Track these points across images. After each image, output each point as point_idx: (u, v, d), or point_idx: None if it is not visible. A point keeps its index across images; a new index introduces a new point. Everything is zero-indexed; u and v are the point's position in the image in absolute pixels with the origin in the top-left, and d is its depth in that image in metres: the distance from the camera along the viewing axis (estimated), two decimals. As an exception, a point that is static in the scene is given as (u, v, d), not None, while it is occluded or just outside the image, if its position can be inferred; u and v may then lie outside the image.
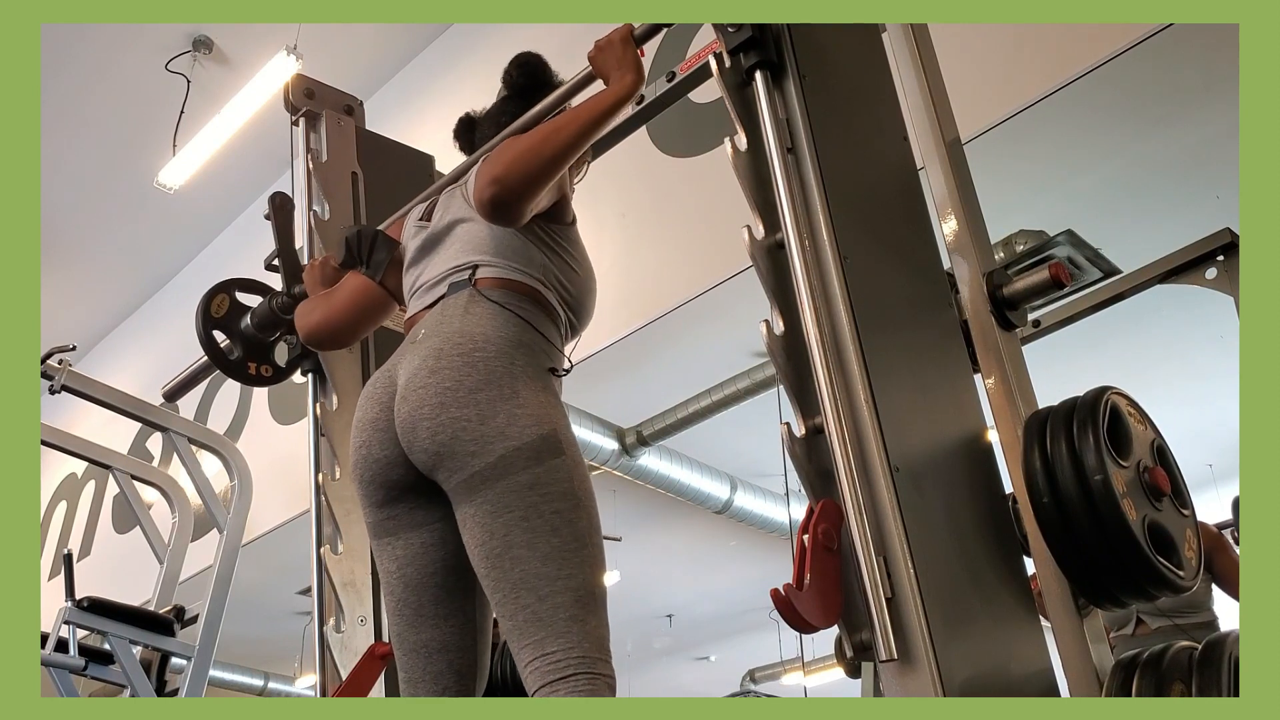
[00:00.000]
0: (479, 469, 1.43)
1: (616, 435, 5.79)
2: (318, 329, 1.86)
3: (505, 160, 1.52)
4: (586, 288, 1.72)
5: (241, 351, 2.22)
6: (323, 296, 1.89)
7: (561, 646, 1.37)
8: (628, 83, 1.59)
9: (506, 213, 1.55)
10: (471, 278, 1.60)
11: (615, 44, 1.63)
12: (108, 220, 6.71)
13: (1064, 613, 1.44)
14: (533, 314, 1.59)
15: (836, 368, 1.32)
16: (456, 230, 1.69)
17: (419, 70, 5.68)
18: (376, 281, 1.80)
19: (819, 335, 1.32)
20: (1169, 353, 5.47)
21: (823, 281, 1.38)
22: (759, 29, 1.48)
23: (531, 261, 1.63)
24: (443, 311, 1.58)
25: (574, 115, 1.57)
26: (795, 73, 1.51)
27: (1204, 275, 2.27)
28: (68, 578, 3.36)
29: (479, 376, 1.47)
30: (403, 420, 1.50)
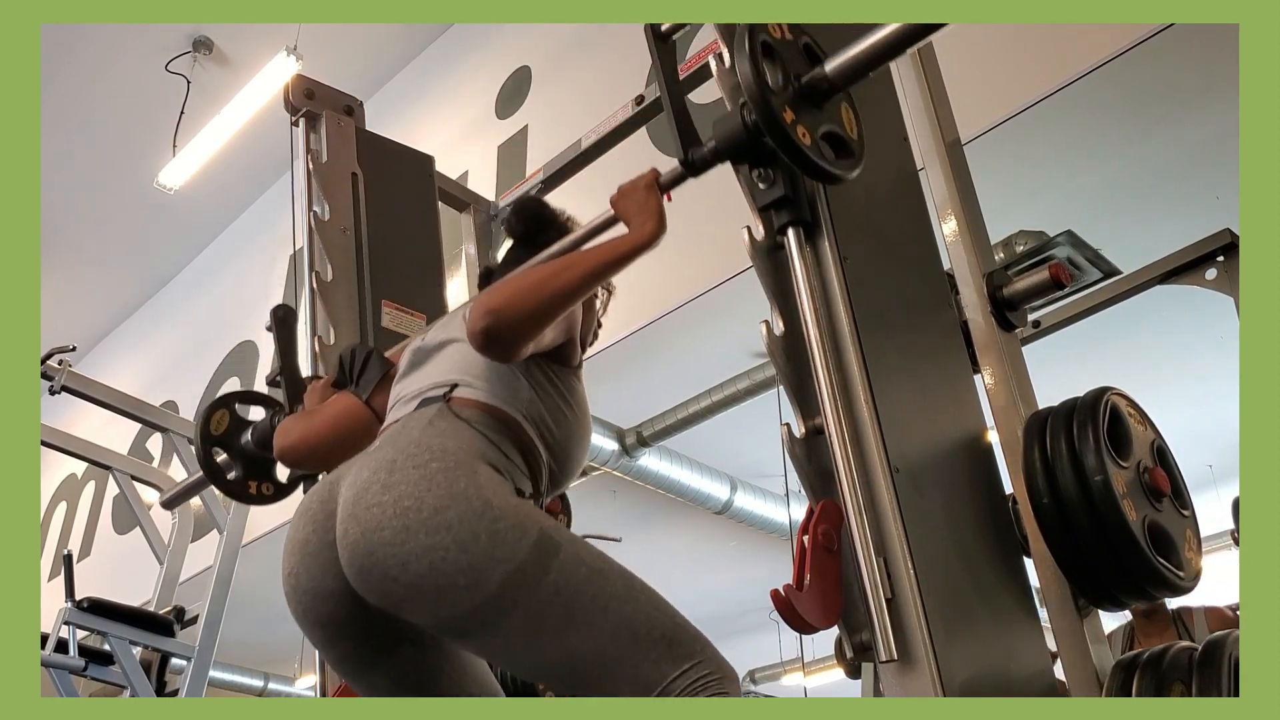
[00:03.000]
0: (480, 603, 1.28)
1: (616, 435, 5.79)
2: (293, 448, 1.72)
3: (505, 292, 1.41)
4: (575, 435, 1.57)
5: (242, 470, 2.14)
6: (304, 414, 1.78)
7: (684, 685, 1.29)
8: (647, 231, 1.47)
9: (499, 348, 1.42)
10: (446, 395, 1.48)
11: (639, 189, 1.52)
12: (108, 220, 6.72)
13: (1064, 614, 1.44)
14: (504, 442, 1.45)
15: (836, 368, 1.32)
16: (447, 349, 1.59)
17: (419, 70, 5.68)
18: (364, 400, 1.69)
19: (819, 335, 1.32)
20: (1169, 353, 5.47)
21: (823, 282, 1.38)
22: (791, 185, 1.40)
23: (517, 395, 1.49)
24: (405, 424, 1.45)
25: (586, 256, 1.46)
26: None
27: (1204, 276, 2.27)
28: (68, 578, 3.36)
29: (440, 492, 1.30)
30: (352, 544, 1.31)
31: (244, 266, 6.52)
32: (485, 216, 2.94)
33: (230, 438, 2.14)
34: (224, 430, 2.14)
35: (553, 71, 4.68)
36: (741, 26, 1.33)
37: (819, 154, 1.33)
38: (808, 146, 1.31)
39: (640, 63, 4.03)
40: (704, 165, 1.47)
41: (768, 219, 1.43)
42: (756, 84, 1.29)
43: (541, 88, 4.69)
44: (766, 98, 1.29)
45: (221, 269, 6.86)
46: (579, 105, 4.24)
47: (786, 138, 1.29)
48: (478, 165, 4.68)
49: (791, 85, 1.36)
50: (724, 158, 1.44)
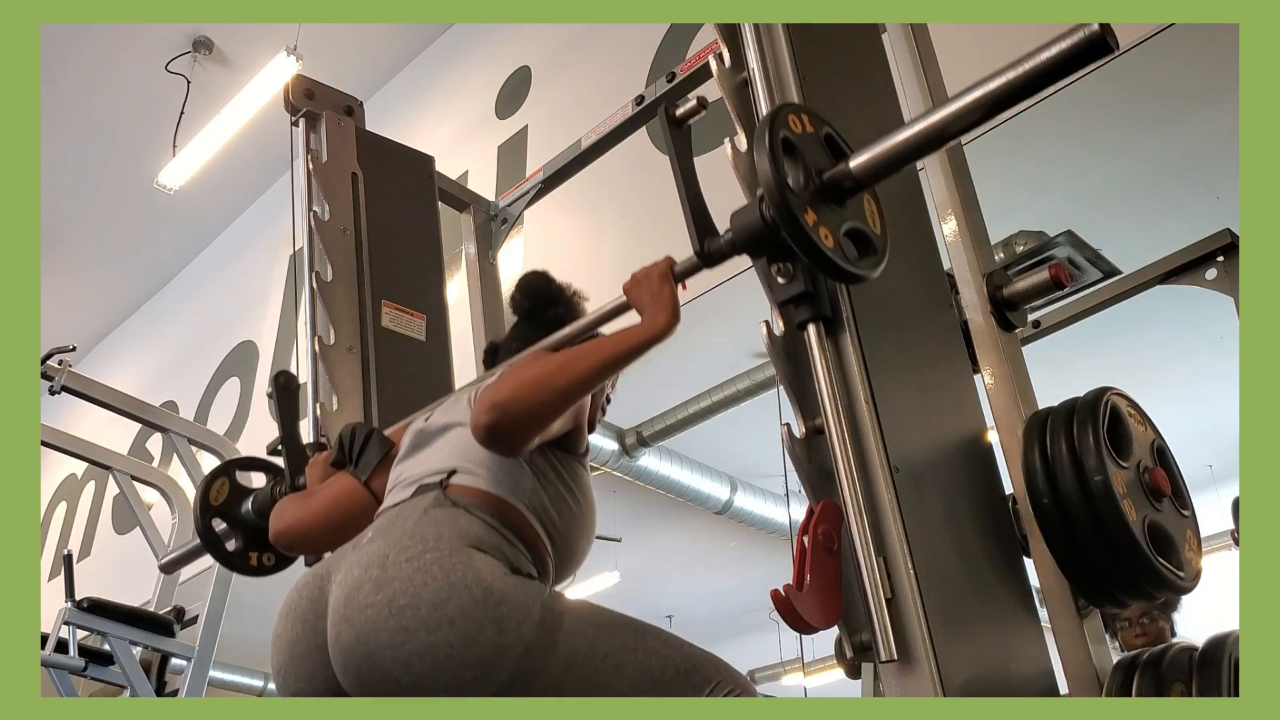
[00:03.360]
0: (492, 693, 1.25)
1: (616, 436, 5.79)
2: (288, 532, 1.67)
3: (512, 385, 1.36)
4: (579, 527, 1.52)
5: (242, 541, 2.09)
6: (300, 496, 1.73)
7: None
8: (660, 323, 1.42)
9: (504, 444, 1.38)
10: (443, 483, 1.43)
11: (653, 279, 1.46)
12: (108, 220, 6.72)
13: (1064, 614, 1.44)
14: (506, 530, 1.40)
15: (836, 368, 1.32)
16: (450, 433, 1.55)
17: (419, 70, 5.68)
18: (363, 482, 1.65)
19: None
20: (1169, 353, 5.47)
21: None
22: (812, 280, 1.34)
23: (519, 485, 1.45)
24: (399, 513, 1.40)
25: (596, 348, 1.42)
26: (795, 72, 1.50)
27: (1204, 276, 2.27)
28: (68, 578, 3.36)
29: (437, 585, 1.25)
30: (346, 649, 1.27)
31: (244, 266, 6.52)
32: (485, 216, 2.94)
33: (230, 507, 2.08)
34: (224, 500, 2.08)
35: (553, 71, 4.68)
36: (762, 121, 1.28)
37: (842, 255, 1.26)
38: (830, 249, 1.25)
39: (640, 63, 4.04)
40: (720, 257, 1.42)
41: (786, 313, 1.38)
42: (777, 185, 1.22)
43: (541, 88, 4.69)
44: (787, 200, 1.22)
45: (221, 269, 6.86)
46: (579, 105, 4.24)
47: (809, 241, 1.23)
48: (478, 165, 4.68)
49: (813, 182, 1.29)
50: (741, 250, 1.38)
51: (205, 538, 2.07)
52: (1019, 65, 1.15)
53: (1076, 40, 1.09)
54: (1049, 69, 1.13)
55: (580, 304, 1.78)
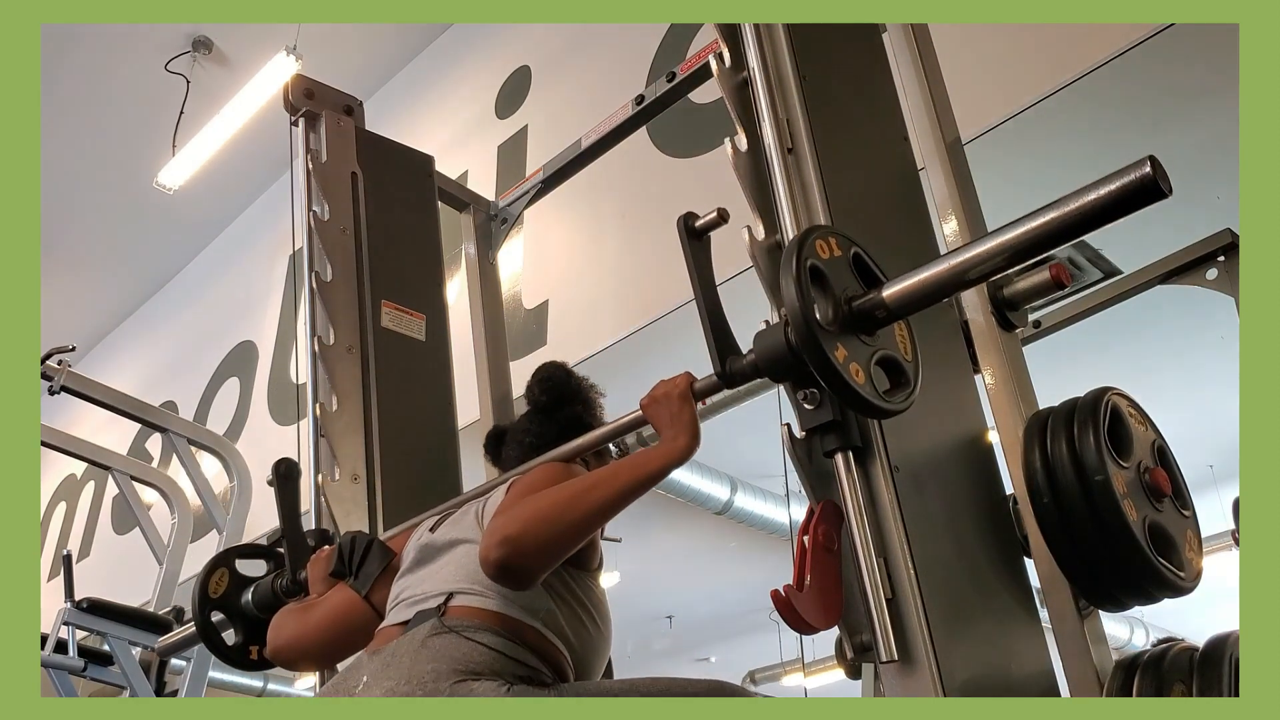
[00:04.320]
0: None
1: (616, 436, 5.78)
2: (286, 649, 1.64)
3: (523, 519, 1.31)
4: (597, 647, 1.48)
5: (242, 635, 2.02)
6: (299, 610, 1.68)
7: None
8: (679, 447, 1.38)
9: (515, 579, 1.33)
10: (441, 608, 1.38)
11: (673, 399, 1.42)
12: (108, 220, 6.72)
13: (1064, 614, 1.44)
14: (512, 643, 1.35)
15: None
16: (457, 550, 1.50)
17: (419, 70, 5.68)
18: (363, 596, 1.61)
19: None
20: (1169, 353, 5.47)
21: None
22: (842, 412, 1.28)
23: (534, 605, 1.40)
24: (395, 651, 1.35)
25: (610, 476, 1.37)
26: (795, 72, 1.50)
27: (1204, 276, 2.27)
28: (67, 578, 3.35)
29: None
30: None
31: (244, 266, 6.52)
32: (485, 216, 2.94)
33: (229, 599, 2.02)
34: (223, 591, 2.02)
35: (553, 71, 4.68)
36: (789, 246, 1.22)
37: (873, 390, 1.20)
38: (861, 385, 1.18)
39: (640, 63, 4.04)
40: (742, 379, 1.36)
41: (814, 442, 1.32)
42: (805, 321, 1.16)
43: (541, 88, 4.69)
44: (816, 336, 1.15)
45: (221, 269, 6.86)
46: (579, 105, 4.24)
47: (839, 379, 1.17)
48: (478, 165, 4.68)
49: (841, 310, 1.23)
50: (763, 374, 1.32)
51: (204, 631, 2.01)
52: (1063, 205, 1.09)
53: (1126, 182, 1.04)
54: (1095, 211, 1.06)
55: (598, 402, 1.75)
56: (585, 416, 1.71)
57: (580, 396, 1.74)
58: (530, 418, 1.75)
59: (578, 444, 1.59)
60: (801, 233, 1.25)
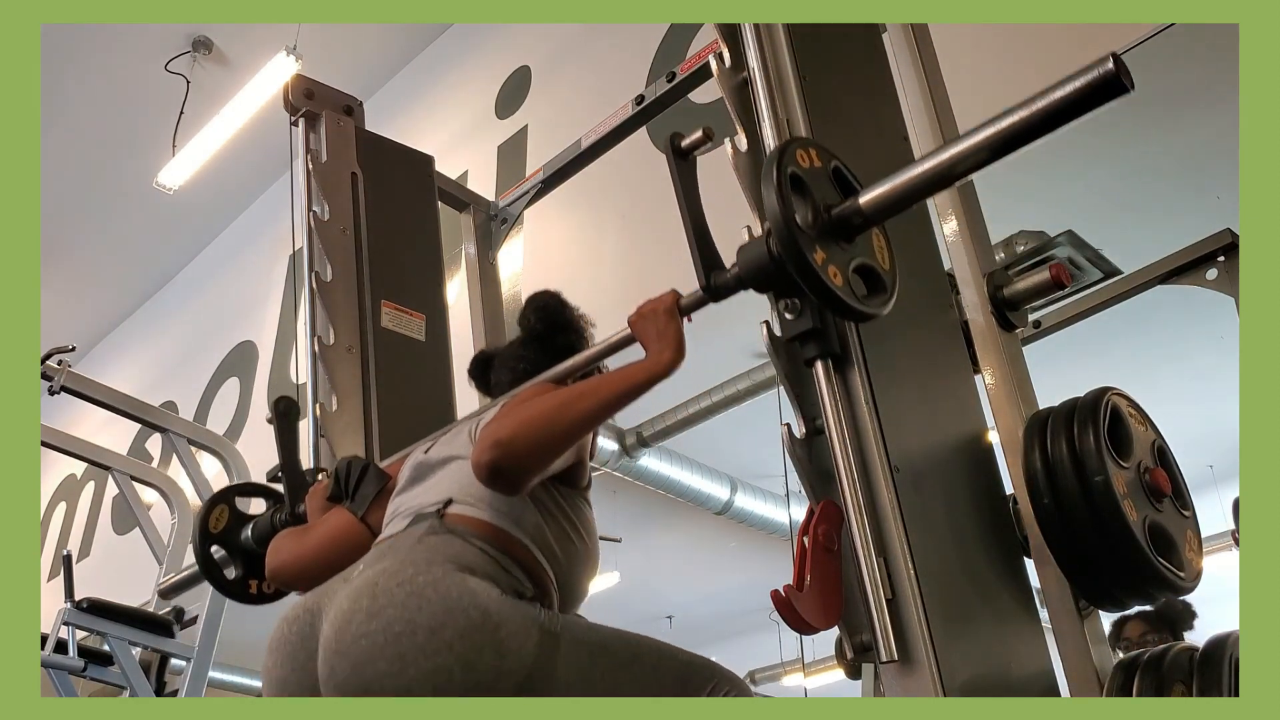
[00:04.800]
0: None
1: (616, 436, 5.79)
2: (283, 570, 1.65)
3: (514, 423, 1.34)
4: (583, 563, 1.50)
5: (242, 569, 2.06)
6: (297, 532, 1.70)
7: None
8: (665, 360, 1.41)
9: (506, 482, 1.35)
10: (440, 512, 1.41)
11: (659, 314, 1.44)
12: (108, 220, 6.72)
13: (1064, 614, 1.44)
14: (508, 561, 1.37)
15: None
16: (451, 465, 1.52)
17: (419, 70, 5.68)
18: (359, 517, 1.63)
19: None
20: (1170, 353, 5.47)
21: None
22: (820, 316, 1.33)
23: (522, 519, 1.42)
24: (393, 543, 1.38)
25: (600, 385, 1.40)
26: (795, 72, 1.50)
27: (1205, 276, 2.26)
28: (67, 579, 3.36)
29: (432, 609, 1.22)
30: (341, 683, 1.23)
31: (244, 266, 6.52)
32: (485, 216, 2.94)
33: (229, 534, 2.05)
34: (223, 527, 2.05)
35: (553, 71, 4.68)
36: (769, 156, 1.26)
37: (851, 294, 1.25)
38: (839, 288, 1.23)
39: (640, 63, 4.04)
40: (726, 291, 1.40)
41: (794, 349, 1.36)
42: (785, 223, 1.21)
43: (541, 88, 4.69)
44: (795, 238, 1.21)
45: (221, 269, 6.86)
46: (579, 105, 4.24)
47: (818, 281, 1.22)
48: (478, 165, 4.68)
49: (821, 218, 1.27)
50: (748, 286, 1.36)
51: (204, 566, 2.04)
52: (1030, 104, 1.12)
53: (1090, 79, 1.07)
54: (1061, 108, 1.10)
55: (590, 333, 1.76)
56: (579, 346, 1.71)
57: (574, 327, 1.75)
58: (524, 344, 1.75)
59: (568, 365, 1.62)
60: (783, 142, 1.30)
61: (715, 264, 1.42)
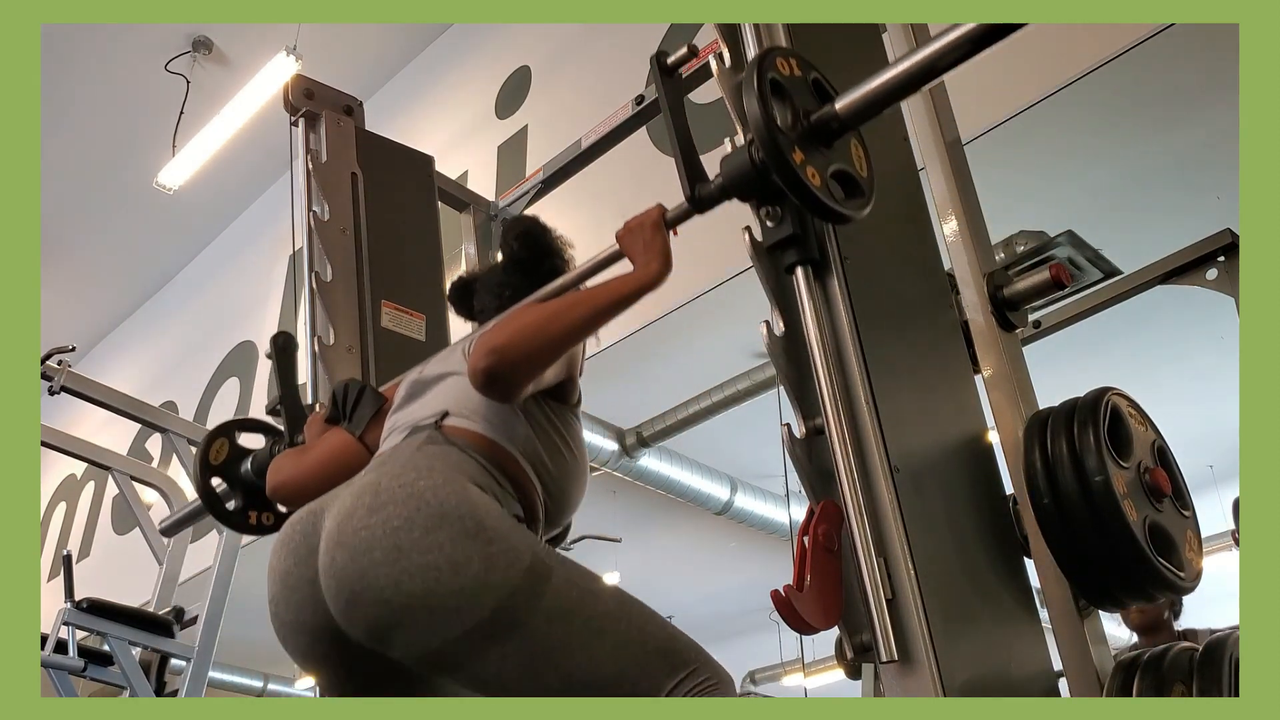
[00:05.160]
0: (470, 629, 1.23)
1: (616, 436, 5.79)
2: (284, 486, 1.69)
3: (508, 331, 1.39)
4: (573, 476, 1.54)
5: (242, 500, 2.09)
6: (296, 452, 1.75)
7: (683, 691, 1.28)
8: (652, 271, 1.46)
9: (501, 388, 1.40)
10: (437, 423, 1.46)
11: (646, 228, 1.50)
12: (108, 220, 6.72)
13: (1064, 614, 1.44)
14: (499, 473, 1.42)
15: (836, 368, 1.32)
16: (445, 381, 1.56)
17: (419, 70, 5.68)
18: (356, 437, 1.67)
19: (819, 336, 1.31)
20: (1170, 353, 5.47)
21: (823, 282, 1.38)
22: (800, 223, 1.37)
23: (513, 430, 1.46)
24: (393, 451, 1.43)
25: (589, 296, 1.45)
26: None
27: (1205, 276, 2.26)
28: (67, 579, 3.36)
29: (429, 511, 1.26)
30: (340, 571, 1.26)
31: (244, 266, 6.52)
32: (485, 216, 2.94)
33: (230, 466, 2.09)
34: (223, 459, 2.09)
35: (553, 71, 4.68)
36: (750, 63, 1.31)
37: (829, 195, 1.29)
38: (817, 188, 1.28)
39: (640, 63, 4.04)
40: (710, 202, 1.45)
41: (775, 258, 1.40)
42: (765, 124, 1.25)
43: (541, 88, 4.69)
44: (775, 139, 1.26)
45: (221, 269, 6.86)
46: (579, 105, 4.24)
47: (796, 179, 1.26)
48: (478, 165, 4.69)
49: (800, 124, 1.32)
50: (731, 194, 1.41)
51: (205, 497, 2.08)
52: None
53: None
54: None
55: (570, 255, 1.80)
56: (562, 269, 1.73)
57: (558, 251, 1.77)
58: (506, 270, 1.77)
59: (555, 285, 1.65)
60: (763, 50, 1.35)
61: (699, 177, 1.46)
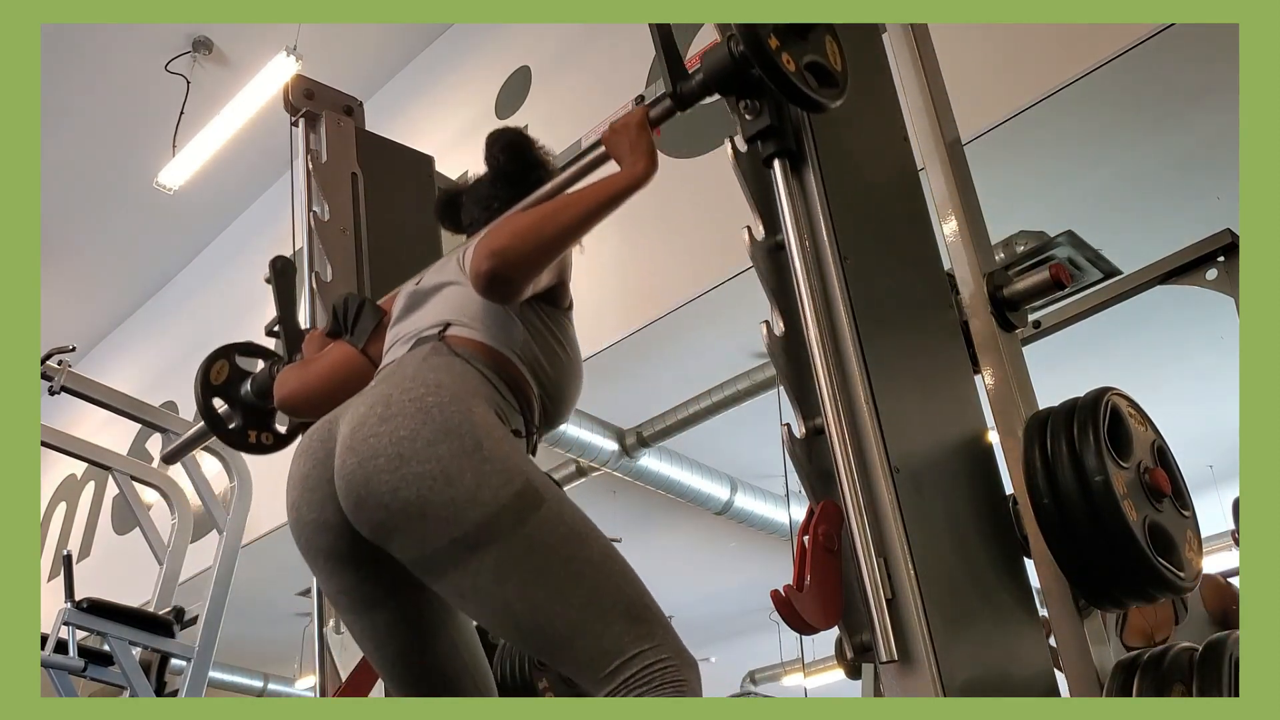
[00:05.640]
0: (457, 537, 1.29)
1: (616, 436, 5.78)
2: (291, 397, 1.76)
3: (506, 234, 1.44)
4: (569, 376, 1.61)
5: (241, 420, 2.15)
6: (301, 365, 1.80)
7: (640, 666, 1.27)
8: (640, 170, 1.51)
9: (504, 288, 1.46)
10: (441, 334, 1.52)
11: (631, 128, 1.55)
12: (108, 220, 6.72)
13: (1064, 614, 1.44)
14: (499, 380, 1.49)
15: (836, 368, 1.32)
16: (443, 291, 1.62)
17: (419, 70, 5.68)
18: (359, 349, 1.73)
19: (819, 336, 1.32)
20: (1169, 354, 5.47)
21: (823, 282, 1.38)
22: (777, 115, 1.44)
23: (511, 335, 1.53)
24: (400, 362, 1.49)
25: (581, 197, 1.50)
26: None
27: (1204, 276, 2.27)
28: (67, 579, 3.35)
29: (434, 426, 1.33)
30: (349, 474, 1.34)
31: (244, 266, 6.52)
32: (485, 216, 2.94)
33: (230, 387, 2.15)
34: (224, 380, 2.15)
35: (553, 71, 4.68)
36: None
37: (804, 81, 1.37)
38: (793, 73, 1.35)
39: (640, 63, 4.04)
40: (693, 97, 1.51)
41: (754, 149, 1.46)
42: None
43: (541, 88, 4.69)
44: (754, 27, 1.34)
45: (221, 269, 6.86)
46: (579, 105, 4.24)
47: (773, 64, 1.34)
48: (478, 165, 4.67)
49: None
50: (712, 90, 1.48)
51: (207, 415, 2.12)
52: None
53: None
54: None
55: (554, 165, 1.85)
56: (548, 180, 1.77)
57: (544, 163, 1.82)
58: (493, 183, 1.82)
59: (543, 191, 1.71)
60: None
61: (681, 74, 1.52)
